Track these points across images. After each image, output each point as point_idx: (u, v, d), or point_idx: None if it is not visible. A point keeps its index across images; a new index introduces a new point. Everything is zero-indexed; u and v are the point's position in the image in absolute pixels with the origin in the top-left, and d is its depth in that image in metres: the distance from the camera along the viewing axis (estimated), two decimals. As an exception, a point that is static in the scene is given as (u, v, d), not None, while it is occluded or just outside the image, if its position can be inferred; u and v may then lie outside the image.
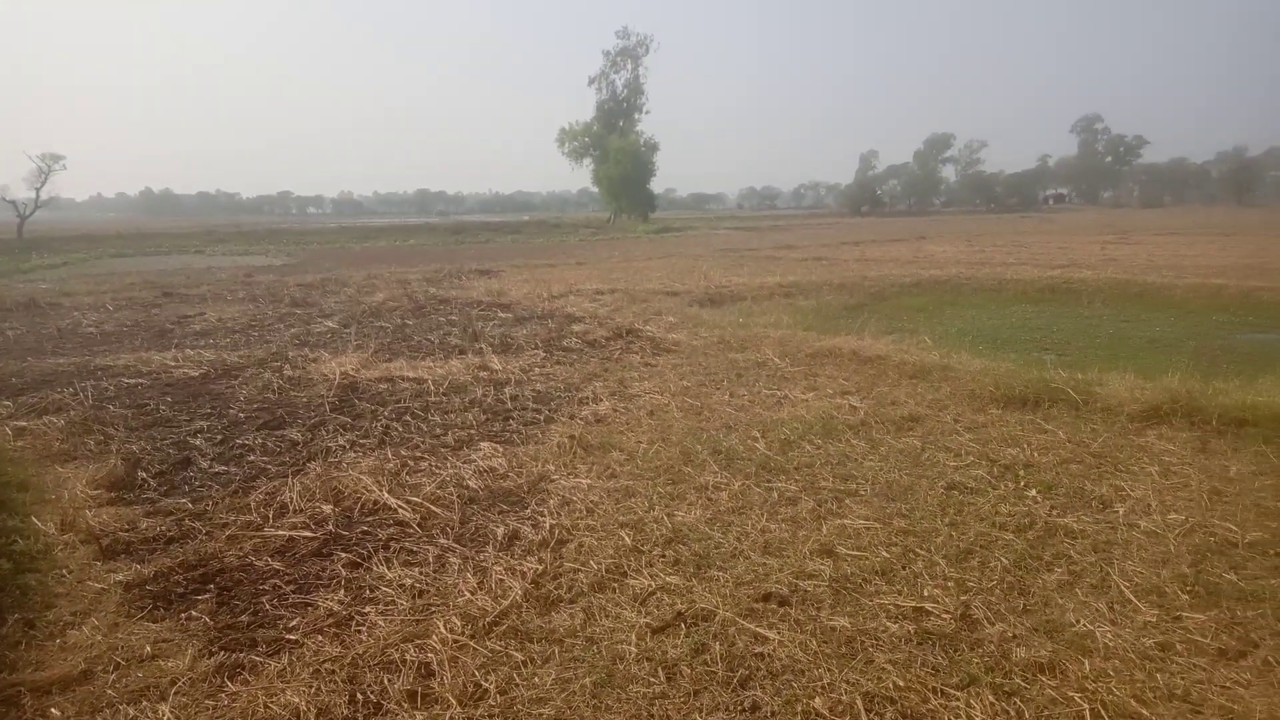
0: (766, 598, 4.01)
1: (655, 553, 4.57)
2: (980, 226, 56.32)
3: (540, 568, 4.39)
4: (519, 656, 3.54)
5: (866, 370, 9.27)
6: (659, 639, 3.66)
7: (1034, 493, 5.37)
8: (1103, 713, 3.05)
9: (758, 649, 3.55)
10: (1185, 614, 3.80)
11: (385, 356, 10.61)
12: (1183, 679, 3.29)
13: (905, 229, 53.06)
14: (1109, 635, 3.62)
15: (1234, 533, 4.66)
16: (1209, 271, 19.89)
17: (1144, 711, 3.06)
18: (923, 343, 10.65)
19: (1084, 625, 3.71)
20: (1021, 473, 5.76)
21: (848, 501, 5.31)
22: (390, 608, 4.01)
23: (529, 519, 5.10)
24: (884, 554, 4.50)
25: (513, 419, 7.46)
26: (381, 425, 7.30)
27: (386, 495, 5.42)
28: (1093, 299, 17.06)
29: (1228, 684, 3.25)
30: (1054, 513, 5.03)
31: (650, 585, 4.17)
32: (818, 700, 3.16)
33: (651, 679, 3.35)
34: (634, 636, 3.67)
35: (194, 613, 4.02)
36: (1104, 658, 3.45)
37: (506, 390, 8.45)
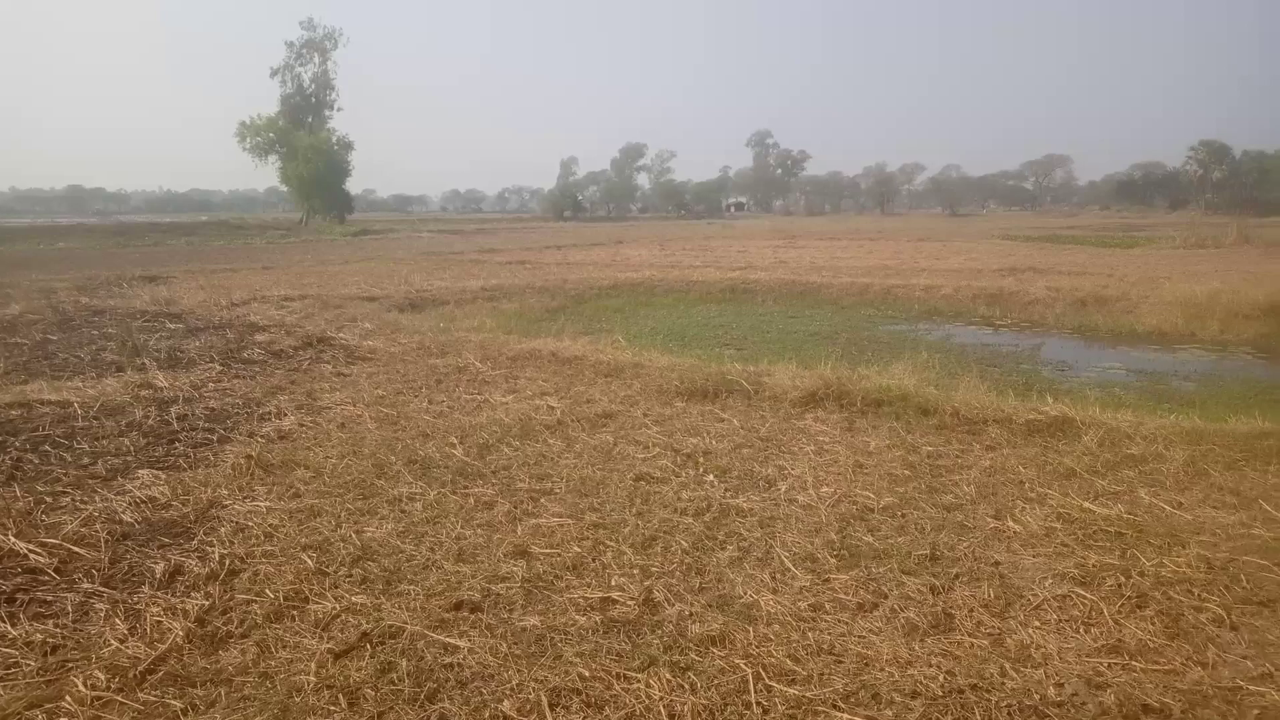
0: (458, 606, 3.95)
1: (341, 573, 4.33)
2: (671, 232, 60.03)
3: (207, 603, 3.99)
4: (177, 705, 3.18)
5: (565, 371, 9.50)
6: (342, 664, 3.46)
7: (711, 477, 5.80)
8: (763, 674, 3.35)
9: (447, 660, 3.48)
10: (833, 576, 4.29)
11: (20, 378, 9.11)
12: (829, 634, 3.70)
13: (605, 234, 55.17)
14: (771, 603, 3.99)
15: (872, 499, 5.35)
16: (858, 272, 22.74)
17: (797, 669, 3.40)
18: (617, 342, 11.12)
19: (750, 596, 4.06)
20: (701, 460, 6.19)
21: (543, 501, 5.39)
22: (13, 671, 3.43)
23: (195, 551, 4.61)
24: (576, 549, 4.62)
25: (179, 441, 6.72)
26: (11, 458, 6.24)
27: (14, 540, 4.63)
28: (766, 298, 18.86)
29: (864, 634, 3.71)
30: (728, 494, 5.47)
31: (334, 608, 3.94)
32: (506, 703, 3.16)
33: (331, 707, 3.16)
34: (314, 665, 3.44)
35: None
36: (766, 624, 3.80)
37: (173, 410, 7.60)
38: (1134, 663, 3.43)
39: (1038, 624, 3.78)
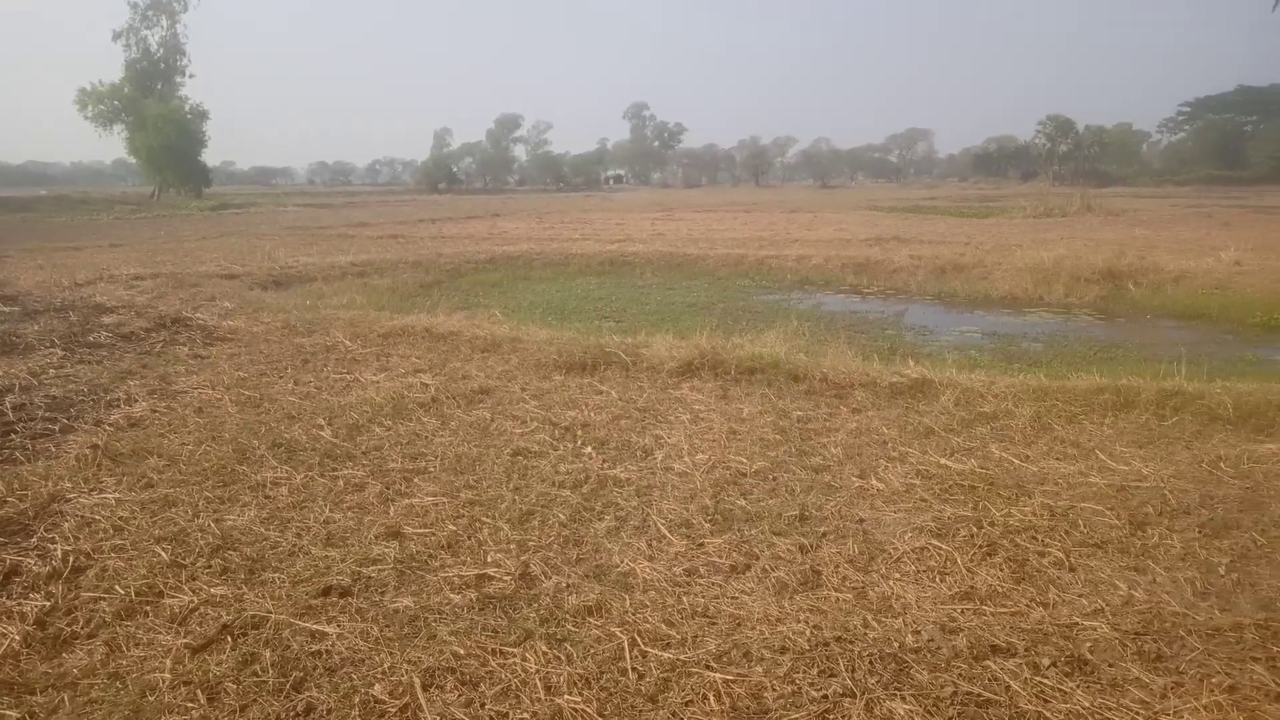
0: (326, 592, 3.83)
1: (199, 564, 4.12)
2: (550, 204, 59.51)
3: (48, 604, 3.72)
4: (14, 715, 2.96)
5: (440, 347, 9.29)
6: (200, 658, 3.30)
7: (589, 450, 5.81)
8: (639, 640, 3.39)
9: (314, 647, 3.37)
10: (707, 540, 4.38)
11: None
12: (703, 597, 3.78)
13: (481, 206, 54.18)
14: (647, 570, 4.04)
15: (745, 464, 5.48)
16: (734, 243, 23.14)
17: (672, 633, 3.46)
18: (494, 317, 10.95)
19: (627, 564, 4.10)
20: (579, 432, 6.19)
21: (417, 480, 5.28)
22: None
23: (35, 549, 4.29)
24: (451, 527, 4.55)
25: (16, 433, 6.21)
26: None
27: None
28: (644, 270, 18.95)
29: (737, 595, 3.81)
30: (606, 466, 5.49)
31: (192, 601, 3.75)
32: (377, 687, 3.09)
33: (189, 704, 3.01)
34: (169, 661, 3.26)
35: None
36: (643, 591, 3.85)
37: (8, 399, 7.00)
38: (984, 607, 3.66)
39: (898, 576, 3.97)
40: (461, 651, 3.31)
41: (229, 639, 3.44)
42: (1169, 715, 2.90)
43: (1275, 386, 6.83)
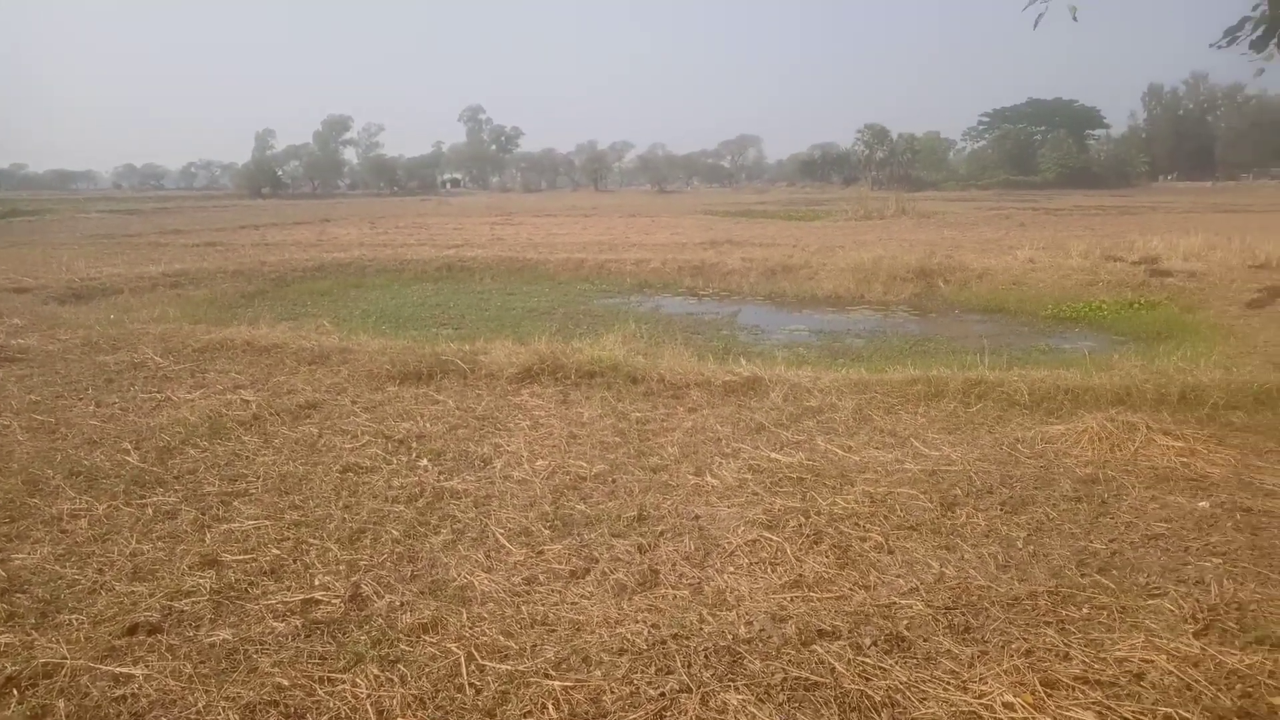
0: (133, 630, 3.53)
1: (-20, 611, 3.70)
2: (383, 209, 57.61)
3: None
4: None
5: (263, 360, 8.80)
6: (-20, 717, 2.97)
7: (425, 462, 5.66)
8: (476, 654, 3.32)
9: (118, 692, 3.10)
10: (547, 547, 4.36)
11: None
12: (542, 605, 3.76)
13: (309, 211, 51.76)
14: (485, 581, 3.97)
15: (584, 468, 5.49)
16: (574, 247, 23.19)
17: (511, 644, 3.41)
18: (323, 327, 10.50)
19: (464, 578, 4.01)
20: (414, 444, 6.02)
21: (236, 503, 4.96)
22: None
23: None
24: (275, 551, 4.30)
25: None
26: None
27: None
28: (484, 275, 18.71)
29: (576, 600, 3.81)
30: (442, 478, 5.36)
31: (-29, 653, 3.36)
32: (190, 729, 2.88)
33: (-34, 771, 2.70)
34: (-59, 725, 2.92)
35: None
36: (480, 603, 3.78)
37: None
38: (811, 594, 3.82)
39: (732, 569, 4.09)
40: (285, 682, 3.14)
41: (15, 692, 3.10)
42: (976, 682, 3.12)
43: (1063, 373, 7.54)
